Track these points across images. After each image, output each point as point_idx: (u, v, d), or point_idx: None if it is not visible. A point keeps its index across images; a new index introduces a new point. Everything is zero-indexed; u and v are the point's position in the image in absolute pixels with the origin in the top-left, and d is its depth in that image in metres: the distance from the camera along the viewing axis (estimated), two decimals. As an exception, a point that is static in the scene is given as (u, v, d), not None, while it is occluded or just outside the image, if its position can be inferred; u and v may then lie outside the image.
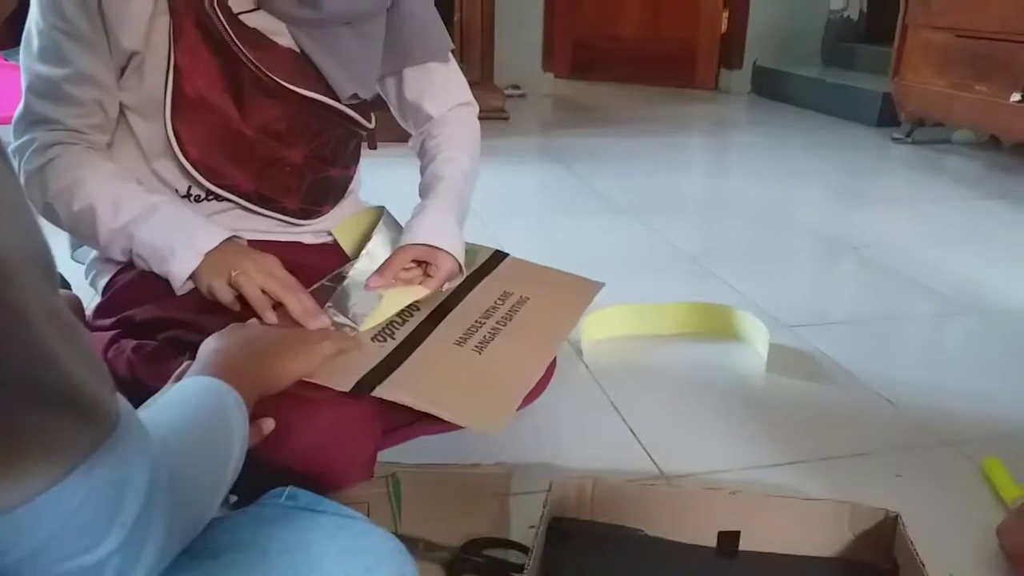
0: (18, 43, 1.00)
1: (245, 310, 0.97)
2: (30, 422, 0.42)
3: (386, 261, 1.10)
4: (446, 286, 1.13)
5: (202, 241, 0.98)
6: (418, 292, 1.10)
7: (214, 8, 0.99)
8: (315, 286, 1.07)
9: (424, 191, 1.18)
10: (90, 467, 0.45)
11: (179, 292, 0.99)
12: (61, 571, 0.46)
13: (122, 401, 0.49)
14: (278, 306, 0.97)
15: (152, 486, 0.49)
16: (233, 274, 0.96)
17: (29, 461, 0.43)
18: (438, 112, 1.23)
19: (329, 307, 1.03)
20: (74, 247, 1.15)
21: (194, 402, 0.66)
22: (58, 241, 0.81)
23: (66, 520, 0.44)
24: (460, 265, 1.13)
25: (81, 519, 0.45)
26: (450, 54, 1.24)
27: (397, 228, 1.19)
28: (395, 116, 1.28)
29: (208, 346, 0.80)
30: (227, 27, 1.00)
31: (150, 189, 1.04)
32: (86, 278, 1.13)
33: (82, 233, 1.02)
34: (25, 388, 0.42)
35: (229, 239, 1.00)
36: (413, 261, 1.11)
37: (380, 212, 1.24)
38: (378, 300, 1.06)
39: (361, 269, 1.11)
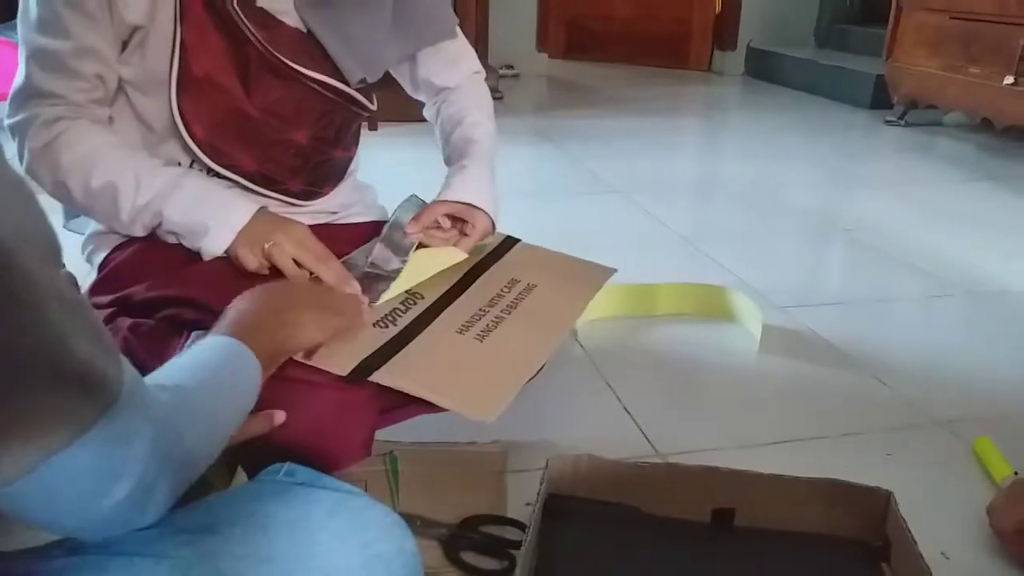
0: (13, 17, 0.98)
1: (264, 279, 0.97)
2: (39, 399, 0.44)
3: (421, 211, 1.13)
4: (489, 239, 1.18)
5: (236, 218, 0.99)
6: (450, 256, 1.13)
7: None
8: (343, 259, 1.07)
9: (456, 154, 1.20)
10: (96, 433, 0.47)
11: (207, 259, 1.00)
12: (79, 520, 0.51)
13: (127, 367, 0.50)
14: (311, 276, 0.99)
15: (156, 443, 0.52)
16: (266, 246, 0.98)
17: (36, 434, 0.45)
18: (453, 83, 1.26)
19: (369, 262, 1.07)
20: (68, 216, 1.13)
21: (205, 362, 0.69)
22: (50, 208, 0.80)
23: (77, 477, 0.48)
24: (494, 224, 1.16)
25: (90, 476, 0.49)
26: (457, 28, 1.26)
27: (420, 205, 1.19)
28: (407, 90, 1.31)
29: (233, 306, 0.81)
30: (235, 6, 0.99)
31: None
32: (82, 252, 1.11)
33: (101, 211, 1.00)
34: (35, 369, 0.43)
35: (260, 209, 1.02)
36: (450, 219, 1.14)
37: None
38: (406, 262, 1.08)
39: (394, 230, 1.13)
